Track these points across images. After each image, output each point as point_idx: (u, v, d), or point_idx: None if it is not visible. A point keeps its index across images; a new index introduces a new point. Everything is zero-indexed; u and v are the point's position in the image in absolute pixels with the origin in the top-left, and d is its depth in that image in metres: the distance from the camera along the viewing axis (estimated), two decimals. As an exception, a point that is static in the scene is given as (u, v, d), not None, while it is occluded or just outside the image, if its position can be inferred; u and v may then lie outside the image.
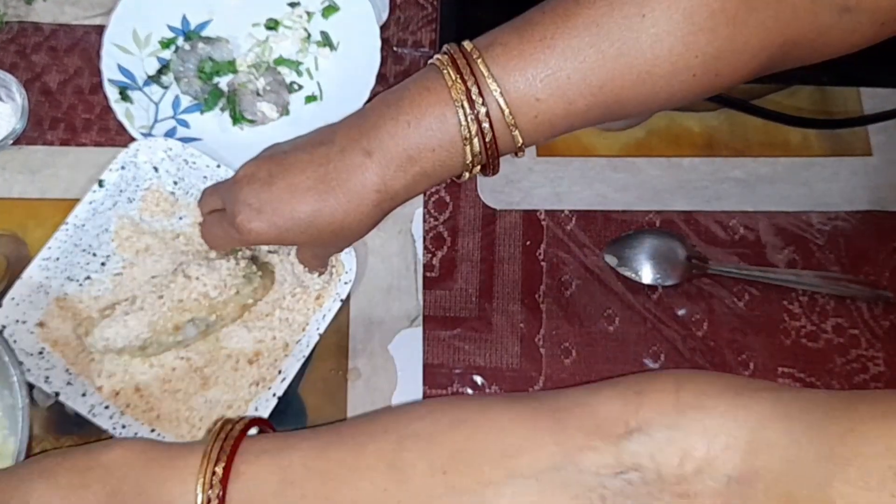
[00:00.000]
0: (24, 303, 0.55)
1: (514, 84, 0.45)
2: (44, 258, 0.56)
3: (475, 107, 0.45)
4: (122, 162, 0.58)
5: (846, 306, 0.61)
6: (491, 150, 0.46)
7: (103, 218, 0.58)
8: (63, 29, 0.68)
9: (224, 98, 0.64)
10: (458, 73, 0.45)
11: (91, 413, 0.53)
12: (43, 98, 0.66)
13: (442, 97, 0.46)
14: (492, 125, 0.45)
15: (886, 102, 0.67)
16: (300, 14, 0.67)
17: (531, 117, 0.45)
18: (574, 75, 0.44)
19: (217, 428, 0.45)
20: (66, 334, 0.55)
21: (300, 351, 0.55)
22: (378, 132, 0.47)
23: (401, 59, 0.68)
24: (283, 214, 0.49)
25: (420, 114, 0.46)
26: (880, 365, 0.60)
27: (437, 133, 0.46)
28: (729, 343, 0.60)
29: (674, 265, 0.61)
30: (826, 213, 0.64)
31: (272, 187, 0.49)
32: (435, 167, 0.47)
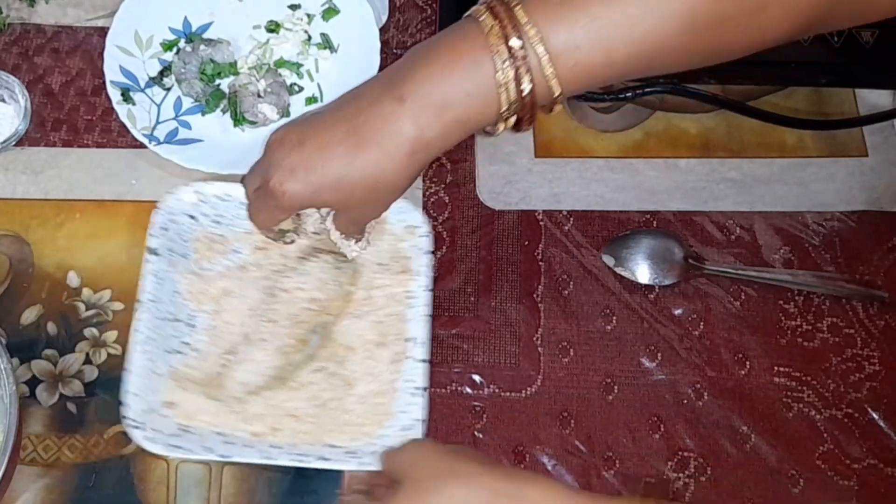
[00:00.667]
0: (144, 392, 0.52)
1: (554, 31, 0.43)
2: (137, 343, 0.53)
3: (512, 52, 0.44)
4: (161, 224, 0.57)
5: (842, 306, 0.62)
6: (527, 98, 0.45)
7: (169, 283, 0.56)
8: (65, 31, 0.69)
9: (225, 100, 0.65)
10: (495, 20, 0.44)
11: (268, 458, 0.52)
12: (45, 99, 0.66)
13: (478, 42, 0.44)
14: (530, 72, 0.44)
15: (882, 103, 0.68)
16: (301, 16, 0.67)
17: (569, 66, 0.44)
18: (615, 23, 0.43)
19: None
20: (196, 403, 0.54)
21: (419, 312, 0.55)
22: (412, 78, 0.46)
23: (400, 61, 0.69)
24: (315, 172, 0.47)
25: (455, 58, 0.45)
26: (875, 364, 0.60)
27: (473, 78, 0.45)
28: (725, 343, 0.60)
29: (671, 265, 0.62)
30: (822, 213, 0.64)
31: (303, 147, 0.48)
32: (469, 114, 0.45)
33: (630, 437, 0.58)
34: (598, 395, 0.58)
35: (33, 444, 0.56)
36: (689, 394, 0.59)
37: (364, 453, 0.52)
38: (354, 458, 0.52)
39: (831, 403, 0.59)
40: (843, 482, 0.57)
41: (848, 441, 0.58)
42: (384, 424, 0.53)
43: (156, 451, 0.51)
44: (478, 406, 0.58)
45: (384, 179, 0.47)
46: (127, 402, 0.52)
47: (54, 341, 0.59)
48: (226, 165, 0.61)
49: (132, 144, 0.63)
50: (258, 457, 0.52)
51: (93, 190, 0.63)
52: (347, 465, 0.52)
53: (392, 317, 0.56)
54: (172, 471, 0.56)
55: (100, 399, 0.57)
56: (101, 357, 0.58)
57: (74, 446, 0.56)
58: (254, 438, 0.53)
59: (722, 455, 0.57)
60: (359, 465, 0.51)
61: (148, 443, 0.51)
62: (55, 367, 0.58)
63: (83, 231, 0.62)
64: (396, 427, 0.53)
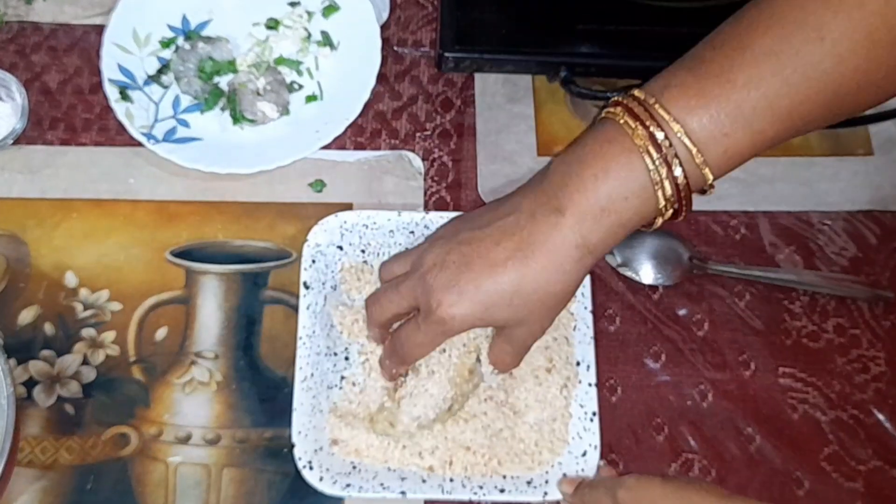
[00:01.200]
0: (309, 430, 0.53)
1: (700, 123, 0.44)
2: (301, 380, 0.54)
3: (662, 150, 0.45)
4: (310, 257, 0.57)
5: (847, 306, 0.61)
6: (684, 191, 0.46)
7: (324, 316, 0.56)
8: (63, 28, 0.68)
9: (224, 98, 0.64)
10: (636, 120, 0.45)
11: (446, 493, 0.52)
12: (43, 98, 0.66)
13: (625, 146, 0.45)
14: (682, 165, 0.45)
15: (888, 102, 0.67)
16: (300, 13, 0.67)
17: (720, 153, 0.45)
18: (760, 105, 0.44)
19: None
20: (362, 439, 0.53)
21: (585, 335, 0.56)
22: (566, 190, 0.46)
23: (401, 59, 0.68)
24: (486, 290, 0.47)
25: (605, 165, 0.46)
26: (881, 365, 0.59)
27: (627, 181, 0.45)
28: (729, 343, 0.60)
29: (674, 265, 0.61)
30: (827, 213, 0.64)
31: (471, 267, 0.47)
32: (630, 216, 0.46)
33: (634, 439, 0.57)
34: (602, 397, 0.58)
35: (31, 445, 0.55)
36: (694, 395, 0.58)
37: (541, 482, 0.52)
38: (532, 488, 0.52)
39: (836, 405, 0.58)
40: (848, 484, 0.56)
41: (853, 443, 0.57)
42: (560, 452, 0.54)
43: (332, 492, 0.52)
44: (480, 407, 0.58)
45: (555, 288, 0.47)
46: (296, 441, 0.52)
47: (52, 342, 0.58)
48: (225, 164, 0.61)
49: (130, 143, 0.63)
50: (437, 492, 0.52)
51: (90, 189, 0.63)
52: (527, 495, 0.52)
53: (558, 341, 0.56)
54: (171, 473, 0.55)
55: (98, 400, 0.57)
56: (99, 358, 0.58)
57: (72, 448, 0.56)
58: (428, 472, 0.53)
59: (726, 456, 0.57)
60: (539, 494, 0.52)
61: (321, 483, 0.51)
62: (53, 368, 0.58)
63: (81, 230, 0.62)
64: (573, 454, 0.53)
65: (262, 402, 0.57)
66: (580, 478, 0.53)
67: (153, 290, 0.60)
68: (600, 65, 0.64)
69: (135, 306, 0.59)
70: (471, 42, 0.64)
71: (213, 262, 0.61)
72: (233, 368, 0.58)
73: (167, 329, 0.59)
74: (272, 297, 0.59)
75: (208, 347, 0.59)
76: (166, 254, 0.61)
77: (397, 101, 0.67)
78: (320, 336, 0.56)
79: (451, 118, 0.66)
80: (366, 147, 0.65)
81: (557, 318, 0.53)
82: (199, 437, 0.56)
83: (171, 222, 0.62)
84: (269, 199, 0.62)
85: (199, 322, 0.59)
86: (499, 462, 0.53)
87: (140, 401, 0.57)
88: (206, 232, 0.62)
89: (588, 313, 0.56)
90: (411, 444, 0.53)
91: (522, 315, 0.49)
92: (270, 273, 0.61)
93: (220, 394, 0.57)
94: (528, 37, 0.64)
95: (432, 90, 0.67)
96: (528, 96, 0.67)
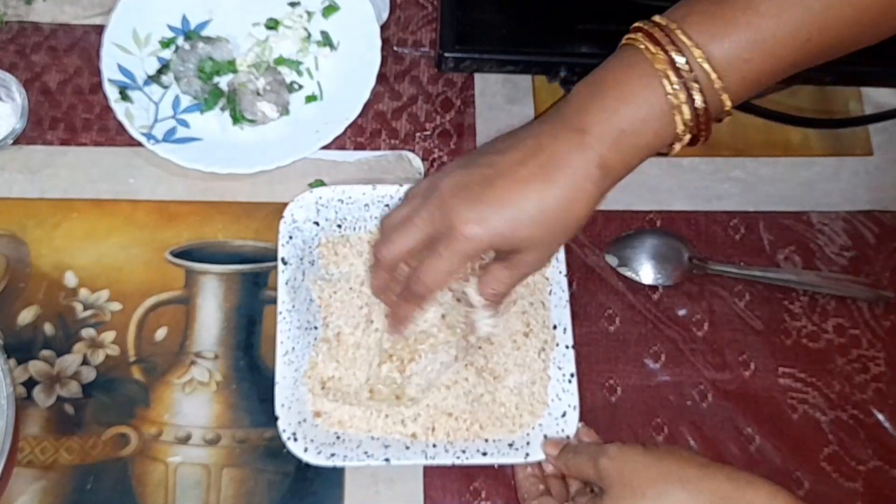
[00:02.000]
0: (293, 403, 0.54)
1: (721, 49, 0.45)
2: (283, 354, 0.55)
3: (682, 75, 0.45)
4: (288, 233, 0.58)
5: (847, 306, 0.61)
6: (703, 116, 0.46)
7: (303, 291, 0.57)
8: (62, 28, 0.68)
9: (224, 98, 0.64)
10: (657, 46, 0.46)
11: (429, 458, 0.53)
12: (43, 98, 0.66)
13: (645, 70, 0.46)
14: (702, 90, 0.45)
15: (887, 102, 0.67)
16: (300, 14, 0.67)
17: (739, 78, 0.46)
18: (781, 33, 0.45)
19: None
20: (344, 410, 0.54)
21: (561, 298, 0.56)
22: (587, 112, 0.47)
23: (401, 59, 0.68)
24: (512, 207, 0.47)
25: (626, 89, 0.46)
26: (881, 365, 0.59)
27: (646, 104, 0.46)
28: (729, 343, 0.60)
29: (674, 265, 0.61)
30: (827, 213, 0.64)
31: (493, 184, 0.47)
32: (648, 139, 0.47)
33: (634, 439, 0.57)
34: (602, 397, 0.58)
35: (31, 445, 0.55)
36: (694, 395, 0.58)
37: (523, 444, 0.53)
38: (514, 450, 0.53)
39: (836, 405, 0.58)
40: (848, 484, 0.56)
41: (853, 443, 0.57)
42: (540, 414, 0.54)
43: (316, 462, 0.52)
44: (480, 407, 0.58)
45: (575, 207, 0.47)
46: (279, 414, 0.53)
47: (52, 342, 0.58)
48: (225, 164, 0.61)
49: (130, 143, 0.63)
50: (420, 458, 0.52)
51: (90, 189, 0.63)
52: (509, 457, 0.53)
53: (535, 305, 0.56)
54: (171, 473, 0.55)
55: (97, 400, 0.57)
56: (98, 358, 0.58)
57: (72, 448, 0.56)
58: (411, 439, 0.53)
59: (726, 456, 0.57)
60: (521, 456, 0.53)
61: (306, 454, 0.52)
62: (52, 368, 0.58)
63: (80, 230, 0.62)
64: (553, 415, 0.54)
65: (262, 402, 0.57)
66: (564, 440, 0.53)
67: (153, 290, 0.60)
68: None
69: (135, 306, 0.59)
70: (471, 42, 0.64)
71: (213, 262, 0.61)
72: (233, 368, 0.58)
73: (167, 329, 0.59)
74: (272, 297, 0.59)
75: (208, 347, 0.59)
76: (166, 254, 0.61)
77: (397, 102, 0.67)
78: (300, 311, 0.56)
79: (451, 118, 0.66)
80: (366, 147, 0.65)
81: (533, 282, 0.54)
82: (198, 437, 0.56)
83: (171, 222, 0.62)
84: (269, 199, 0.62)
85: (198, 322, 0.59)
86: (481, 426, 0.54)
87: (140, 401, 0.57)
88: (206, 232, 0.62)
89: (563, 277, 0.57)
90: (394, 413, 0.54)
91: (541, 235, 0.48)
92: (270, 273, 0.60)
93: (219, 394, 0.57)
94: (528, 37, 0.64)
95: (432, 90, 0.67)
96: (528, 96, 0.67)
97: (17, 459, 0.55)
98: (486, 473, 0.56)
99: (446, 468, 0.55)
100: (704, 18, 0.46)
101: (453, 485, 0.55)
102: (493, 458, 0.53)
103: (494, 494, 0.55)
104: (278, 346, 0.55)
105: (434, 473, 0.55)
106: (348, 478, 0.55)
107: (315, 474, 0.55)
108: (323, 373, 0.55)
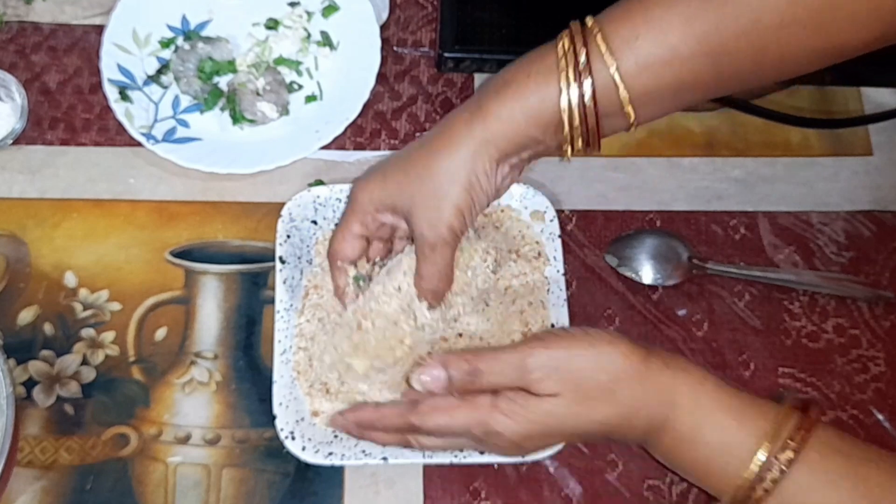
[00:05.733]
0: (290, 402, 0.54)
1: (613, 24, 0.46)
2: (280, 353, 0.55)
3: (574, 38, 0.47)
4: (285, 232, 0.58)
5: (847, 306, 0.61)
6: (591, 119, 0.47)
7: (300, 290, 0.57)
8: (62, 29, 0.68)
9: (224, 98, 0.64)
10: (571, 43, 0.47)
11: (427, 457, 0.52)
12: (42, 98, 0.66)
13: (545, 51, 0.48)
14: (588, 56, 0.46)
15: (887, 102, 0.67)
16: (300, 14, 0.67)
17: (632, 62, 0.45)
18: (676, 20, 0.45)
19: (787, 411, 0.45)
20: (341, 409, 0.54)
21: (560, 297, 0.56)
22: (486, 93, 0.49)
23: (401, 59, 0.68)
24: (392, 167, 0.52)
25: (527, 80, 0.48)
26: (881, 365, 0.59)
27: (532, 61, 0.48)
28: (729, 343, 0.60)
29: (674, 265, 0.61)
30: (827, 213, 0.64)
31: (390, 160, 0.52)
32: (531, 93, 0.48)
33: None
34: (601, 397, 0.58)
35: (30, 445, 0.55)
36: (693, 395, 0.58)
37: None
38: None
39: (836, 405, 0.58)
40: (848, 484, 0.56)
41: (853, 443, 0.57)
42: None
43: (314, 461, 0.52)
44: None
45: (448, 165, 0.49)
46: (277, 413, 0.53)
47: (51, 342, 0.58)
48: (225, 164, 0.61)
49: (130, 143, 0.63)
50: (418, 456, 0.52)
51: (90, 189, 0.63)
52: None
53: (533, 304, 0.56)
54: (171, 473, 0.55)
55: (97, 400, 0.57)
56: (98, 358, 0.58)
57: (72, 448, 0.56)
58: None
59: (726, 457, 0.57)
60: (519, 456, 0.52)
61: (304, 453, 0.52)
62: (52, 368, 0.58)
63: (80, 230, 0.62)
64: None
65: (261, 402, 0.57)
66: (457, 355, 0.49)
67: (153, 290, 0.60)
68: (600, 65, 0.64)
69: (134, 306, 0.59)
70: (471, 42, 0.64)
71: (212, 262, 0.61)
72: (232, 368, 0.58)
73: (167, 329, 0.59)
74: (272, 297, 0.59)
75: (208, 347, 0.59)
76: (166, 254, 0.61)
77: (397, 102, 0.67)
78: (298, 309, 0.56)
79: (450, 118, 0.66)
80: (365, 147, 0.65)
81: (532, 282, 0.55)
82: (198, 437, 0.56)
83: (170, 222, 0.62)
84: (270, 199, 0.62)
85: (198, 322, 0.59)
86: None
87: (140, 401, 0.57)
88: (206, 232, 0.62)
89: (561, 276, 0.57)
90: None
91: (418, 191, 0.50)
92: (270, 273, 0.60)
93: (219, 394, 0.57)
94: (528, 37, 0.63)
95: (432, 90, 0.67)
96: (527, 96, 0.67)
97: (17, 459, 0.55)
98: (486, 473, 0.56)
99: (446, 468, 0.55)
100: (616, 9, 0.47)
101: (453, 485, 0.55)
102: (491, 456, 0.53)
103: (494, 494, 0.55)
104: (276, 345, 0.55)
105: (434, 473, 0.55)
106: (348, 478, 0.55)
107: (315, 474, 0.55)
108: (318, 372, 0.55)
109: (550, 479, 0.55)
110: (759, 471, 0.44)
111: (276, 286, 0.56)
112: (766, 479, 0.43)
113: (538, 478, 0.55)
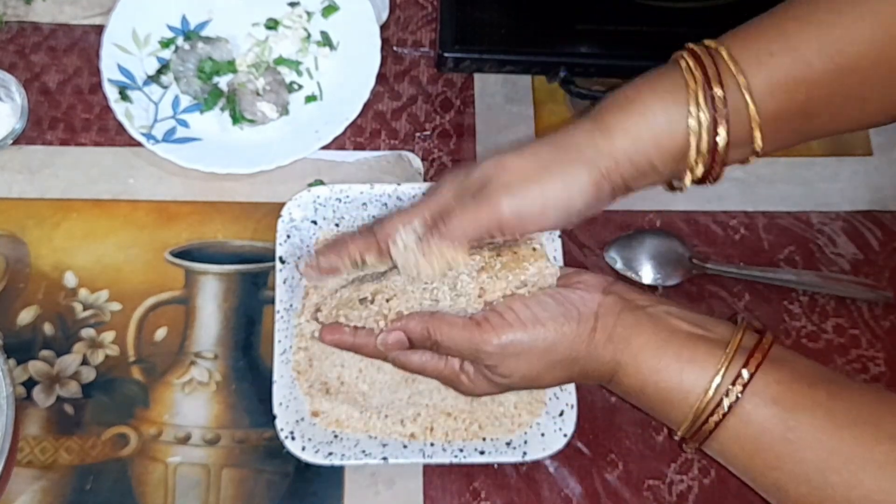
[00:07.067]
0: (290, 402, 0.54)
1: (741, 42, 0.45)
2: (280, 353, 0.55)
3: (700, 57, 0.45)
4: (285, 232, 0.58)
5: (846, 306, 0.61)
6: (722, 149, 0.46)
7: (300, 290, 0.57)
8: (62, 29, 0.68)
9: (224, 98, 0.64)
10: (693, 57, 0.46)
11: (427, 457, 0.53)
12: (42, 98, 0.66)
13: (671, 68, 0.47)
14: (720, 73, 0.45)
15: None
16: (300, 14, 0.67)
17: (765, 80, 0.44)
18: (812, 33, 0.44)
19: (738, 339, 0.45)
20: (342, 410, 0.54)
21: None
22: (609, 104, 0.48)
23: (401, 59, 0.68)
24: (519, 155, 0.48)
25: (650, 100, 0.47)
26: (881, 365, 0.59)
27: (660, 80, 0.47)
28: (729, 343, 0.60)
29: (674, 265, 0.61)
30: (826, 213, 0.64)
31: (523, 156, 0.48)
32: (660, 109, 0.46)
33: (633, 439, 0.57)
34: (602, 397, 0.58)
35: (30, 445, 0.55)
36: (693, 395, 0.58)
37: (520, 443, 0.53)
38: (511, 449, 0.53)
39: (836, 405, 0.58)
40: (848, 484, 0.56)
41: (853, 443, 0.57)
42: (538, 413, 0.54)
43: (314, 461, 0.52)
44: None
45: (566, 196, 0.47)
46: (277, 413, 0.53)
47: (51, 342, 0.58)
48: (224, 164, 0.61)
49: (130, 143, 0.63)
50: (418, 457, 0.53)
51: (90, 189, 0.63)
52: (506, 456, 0.53)
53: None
54: (171, 473, 0.55)
55: (97, 400, 0.57)
56: (98, 358, 0.58)
57: (72, 448, 0.56)
58: (409, 440, 0.54)
59: (726, 457, 0.57)
60: (518, 455, 0.53)
61: (303, 453, 0.52)
62: (52, 368, 0.58)
63: (80, 231, 0.62)
64: (551, 414, 0.54)
65: (261, 402, 0.57)
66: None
67: (153, 290, 0.60)
68: (600, 65, 0.64)
69: (134, 306, 0.59)
70: (471, 42, 0.64)
71: (212, 262, 0.61)
72: (232, 369, 0.58)
73: (167, 329, 0.59)
74: (272, 297, 0.59)
75: (208, 347, 0.59)
76: (166, 254, 0.61)
77: (397, 102, 0.67)
78: (297, 310, 0.56)
79: (450, 118, 0.66)
80: (365, 147, 0.65)
81: (532, 282, 0.53)
82: (198, 438, 0.56)
83: (170, 222, 0.62)
84: (269, 199, 0.62)
85: (198, 322, 0.59)
86: (479, 426, 0.54)
87: (139, 401, 0.57)
88: (205, 232, 0.62)
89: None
90: (393, 413, 0.54)
91: (535, 176, 0.48)
92: (270, 273, 0.60)
93: (219, 394, 0.57)
94: (528, 37, 0.64)
95: (432, 90, 0.67)
96: (527, 96, 0.67)
97: (16, 459, 0.55)
98: (486, 473, 0.56)
99: (446, 468, 0.55)
100: (742, 29, 0.46)
101: (453, 485, 0.55)
102: (491, 457, 0.53)
103: (494, 494, 0.55)
104: (276, 344, 0.55)
105: (434, 473, 0.55)
106: (348, 478, 0.55)
107: (315, 474, 0.55)
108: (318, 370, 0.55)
109: (550, 479, 0.55)
110: (713, 394, 0.44)
111: (276, 286, 0.56)
112: (724, 404, 0.43)
113: (538, 478, 0.55)
